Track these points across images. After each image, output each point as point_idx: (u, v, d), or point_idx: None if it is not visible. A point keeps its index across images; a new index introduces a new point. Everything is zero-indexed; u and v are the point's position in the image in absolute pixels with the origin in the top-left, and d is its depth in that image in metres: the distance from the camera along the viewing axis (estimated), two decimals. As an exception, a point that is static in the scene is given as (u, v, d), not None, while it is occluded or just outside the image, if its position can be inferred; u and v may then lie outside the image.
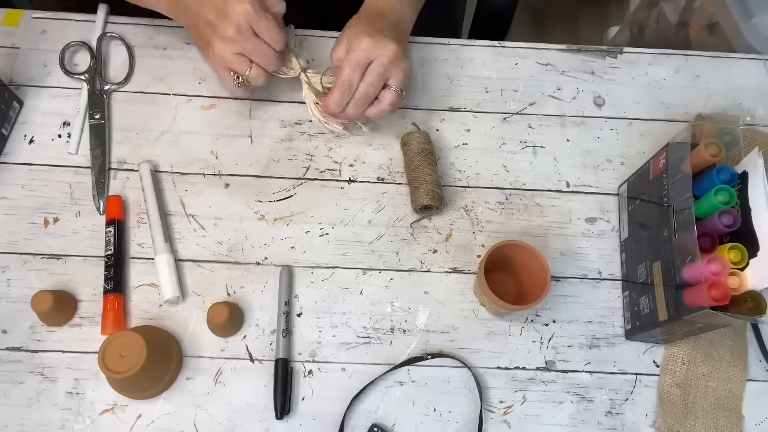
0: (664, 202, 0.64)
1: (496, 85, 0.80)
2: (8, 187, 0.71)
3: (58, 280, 0.68)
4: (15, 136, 0.74)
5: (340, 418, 0.65)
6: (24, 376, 0.64)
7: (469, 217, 0.74)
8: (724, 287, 0.56)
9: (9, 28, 0.78)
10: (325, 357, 0.67)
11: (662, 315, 0.62)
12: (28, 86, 0.75)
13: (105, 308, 0.66)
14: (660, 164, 0.66)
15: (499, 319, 0.70)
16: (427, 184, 0.71)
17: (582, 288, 0.71)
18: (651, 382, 0.68)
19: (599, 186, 0.76)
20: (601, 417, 0.67)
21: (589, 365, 0.69)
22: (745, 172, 0.61)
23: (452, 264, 0.72)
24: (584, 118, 0.79)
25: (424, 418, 0.66)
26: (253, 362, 0.66)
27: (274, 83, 0.77)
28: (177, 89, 0.77)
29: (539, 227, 0.74)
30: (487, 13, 0.95)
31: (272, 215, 0.72)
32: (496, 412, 0.66)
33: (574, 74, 0.81)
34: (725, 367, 0.68)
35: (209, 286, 0.69)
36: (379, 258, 0.71)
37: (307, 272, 0.70)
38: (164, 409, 0.64)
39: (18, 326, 0.66)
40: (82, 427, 0.63)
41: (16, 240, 0.69)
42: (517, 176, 0.76)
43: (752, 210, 0.59)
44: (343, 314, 0.69)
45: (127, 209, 0.71)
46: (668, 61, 0.83)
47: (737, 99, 0.81)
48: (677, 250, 0.60)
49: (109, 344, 0.59)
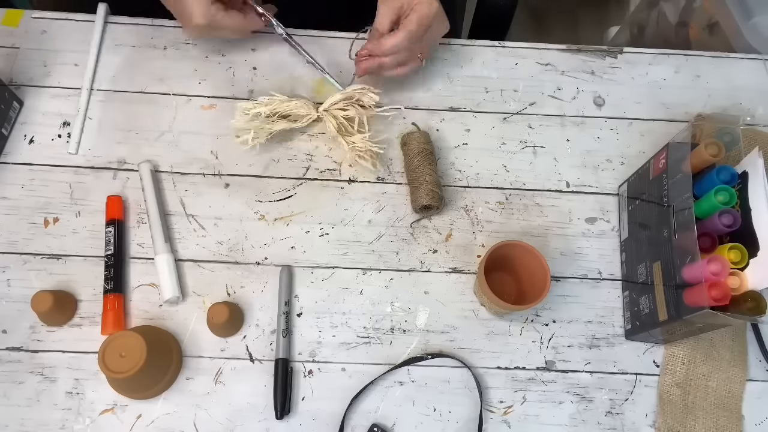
0: (664, 202, 0.64)
1: (496, 85, 0.80)
2: (8, 187, 0.71)
3: (58, 280, 0.68)
4: (15, 136, 0.74)
5: (340, 418, 0.65)
6: (24, 376, 0.64)
7: (469, 217, 0.74)
8: (724, 287, 0.56)
9: (9, 28, 0.78)
10: (325, 357, 0.67)
11: (662, 315, 0.62)
12: (28, 86, 0.75)
13: (105, 308, 0.66)
14: (660, 164, 0.66)
15: (499, 319, 0.70)
16: (427, 184, 0.71)
17: (582, 288, 0.71)
18: (651, 382, 0.68)
19: (599, 186, 0.76)
20: (601, 417, 0.67)
21: (589, 365, 0.69)
22: (745, 172, 0.61)
23: (452, 264, 0.72)
24: (584, 118, 0.79)
25: (424, 418, 0.66)
26: (253, 362, 0.66)
27: (274, 84, 0.77)
28: (177, 89, 0.77)
29: (539, 227, 0.74)
30: (487, 13, 0.95)
31: (272, 215, 0.72)
32: (496, 412, 0.66)
33: (574, 74, 0.81)
34: (725, 367, 0.68)
35: (209, 286, 0.69)
36: (379, 258, 0.71)
37: (307, 272, 0.70)
38: (164, 409, 0.64)
39: (18, 326, 0.66)
40: (82, 427, 0.63)
41: (16, 240, 0.69)
42: (517, 176, 0.76)
43: (752, 210, 0.59)
44: (343, 314, 0.69)
45: (127, 209, 0.71)
46: (668, 61, 0.83)
47: (737, 99, 0.81)
48: (677, 250, 0.60)
49: (109, 344, 0.59)
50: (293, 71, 0.79)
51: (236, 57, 0.79)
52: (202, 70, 0.78)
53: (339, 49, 0.80)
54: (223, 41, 0.79)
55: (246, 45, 0.80)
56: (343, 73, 0.78)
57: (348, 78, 0.78)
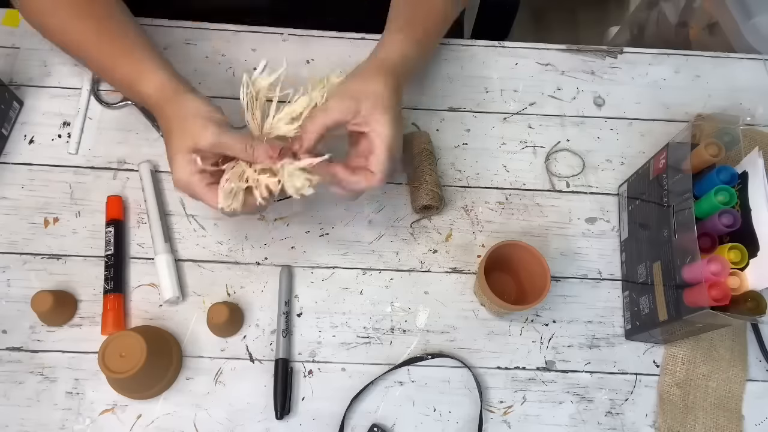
0: (664, 202, 0.64)
1: (496, 85, 0.80)
2: (8, 187, 0.71)
3: (58, 280, 0.68)
4: (15, 136, 0.73)
5: (340, 418, 0.65)
6: (24, 376, 0.64)
7: (469, 217, 0.74)
8: (724, 287, 0.56)
9: (9, 28, 0.78)
10: (325, 357, 0.67)
11: (662, 315, 0.62)
12: (28, 86, 0.75)
13: (105, 308, 0.66)
14: (660, 164, 0.66)
15: (499, 319, 0.70)
16: (428, 184, 0.70)
17: (582, 288, 0.71)
18: (651, 382, 0.68)
19: (599, 186, 0.76)
20: (601, 417, 0.67)
21: (589, 365, 0.69)
22: (745, 172, 0.61)
23: (452, 264, 0.72)
24: (584, 118, 0.79)
25: (424, 418, 0.66)
26: (253, 362, 0.66)
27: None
28: (177, 89, 0.77)
29: (539, 227, 0.74)
30: (491, 13, 0.95)
31: (272, 215, 0.72)
32: (496, 412, 0.66)
33: (574, 74, 0.81)
34: (725, 367, 0.68)
35: (209, 286, 0.69)
36: (379, 258, 0.71)
37: (307, 272, 0.70)
38: (164, 409, 0.64)
39: (18, 326, 0.66)
40: (82, 427, 0.63)
41: (16, 240, 0.69)
42: (517, 176, 0.76)
43: (752, 210, 0.59)
44: (343, 314, 0.69)
45: (127, 209, 0.71)
46: (668, 61, 0.83)
47: (737, 99, 0.81)
48: (677, 250, 0.60)
49: (109, 344, 0.59)
50: (293, 71, 0.79)
51: (236, 57, 0.79)
52: (202, 70, 0.78)
53: (342, 50, 0.80)
54: (224, 41, 0.79)
55: (246, 45, 0.80)
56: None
57: None
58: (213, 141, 0.56)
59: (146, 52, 0.64)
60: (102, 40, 0.64)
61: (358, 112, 0.58)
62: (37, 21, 0.67)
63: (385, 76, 0.60)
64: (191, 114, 0.58)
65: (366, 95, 0.58)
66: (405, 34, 0.65)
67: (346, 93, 0.58)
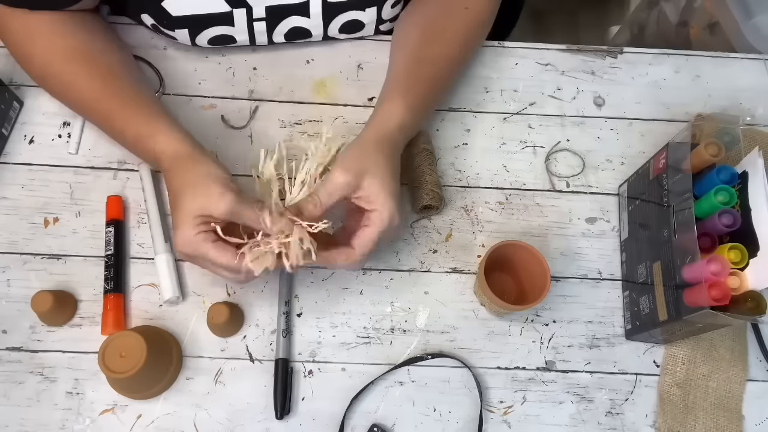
0: (664, 202, 0.64)
1: (496, 85, 0.80)
2: (8, 187, 0.71)
3: (58, 280, 0.68)
4: (15, 136, 0.73)
5: (340, 418, 0.65)
6: (24, 376, 0.64)
7: (469, 217, 0.74)
8: (724, 287, 0.56)
9: (9, 28, 0.78)
10: (325, 357, 0.67)
11: (662, 315, 0.62)
12: (28, 86, 0.75)
13: (105, 308, 0.66)
14: (660, 164, 0.66)
15: (499, 319, 0.70)
16: (428, 184, 0.70)
17: (582, 288, 0.71)
18: (651, 382, 0.68)
19: (599, 186, 0.76)
20: (602, 417, 0.67)
21: (589, 365, 0.69)
22: (745, 172, 0.61)
23: (452, 264, 0.72)
24: (584, 118, 0.79)
25: (424, 418, 0.66)
26: (253, 362, 0.66)
27: (274, 84, 0.77)
28: (177, 89, 0.77)
29: (539, 227, 0.74)
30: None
31: (272, 215, 0.72)
32: (496, 412, 0.66)
33: (574, 74, 0.81)
34: (725, 367, 0.68)
35: (209, 286, 0.69)
36: (378, 258, 0.71)
37: (307, 272, 0.70)
38: (164, 409, 0.64)
39: (18, 326, 0.66)
40: (82, 427, 0.63)
41: (16, 240, 0.69)
42: (517, 176, 0.76)
43: (752, 210, 0.59)
44: (343, 314, 0.69)
45: (127, 209, 0.71)
46: (668, 61, 0.83)
47: (737, 99, 0.81)
48: (677, 250, 0.60)
49: (109, 344, 0.59)
50: (293, 71, 0.79)
51: (236, 57, 0.79)
52: (202, 70, 0.78)
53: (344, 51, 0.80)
54: (223, 40, 0.79)
55: (246, 45, 0.80)
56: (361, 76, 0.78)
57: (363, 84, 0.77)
58: (231, 209, 0.56)
59: (155, 108, 0.65)
60: (111, 99, 0.65)
61: (358, 188, 0.59)
62: (37, 73, 0.68)
63: (383, 147, 0.61)
64: (210, 178, 0.57)
65: (366, 169, 0.59)
66: (406, 101, 0.65)
67: (346, 167, 0.59)
